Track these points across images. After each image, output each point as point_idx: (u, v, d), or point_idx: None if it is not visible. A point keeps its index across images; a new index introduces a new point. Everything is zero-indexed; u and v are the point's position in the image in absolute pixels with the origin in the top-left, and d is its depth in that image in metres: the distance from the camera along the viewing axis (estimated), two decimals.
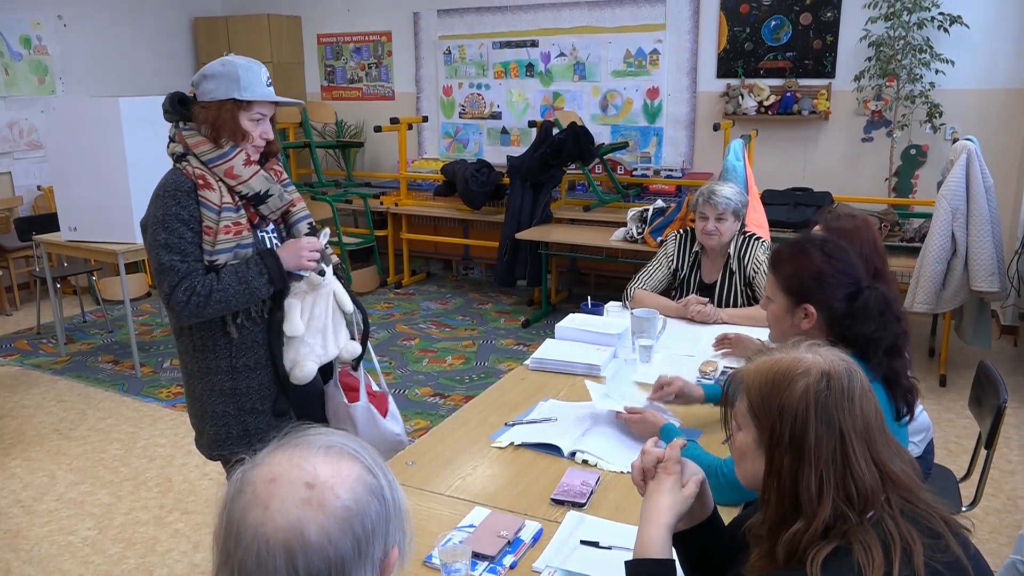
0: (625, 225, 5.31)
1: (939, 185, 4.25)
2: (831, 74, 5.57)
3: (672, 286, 3.18)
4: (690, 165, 6.18)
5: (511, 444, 2.04)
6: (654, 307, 2.77)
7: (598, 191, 6.03)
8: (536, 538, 1.62)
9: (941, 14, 4.96)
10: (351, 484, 0.86)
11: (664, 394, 2.11)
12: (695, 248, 3.11)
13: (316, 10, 7.59)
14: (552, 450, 1.99)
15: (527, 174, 5.72)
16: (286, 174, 2.18)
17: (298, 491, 0.84)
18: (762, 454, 1.14)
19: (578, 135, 5.63)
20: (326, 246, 2.10)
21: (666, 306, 2.96)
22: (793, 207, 5.12)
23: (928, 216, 4.51)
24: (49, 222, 5.33)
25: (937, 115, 5.08)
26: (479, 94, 6.94)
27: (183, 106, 1.98)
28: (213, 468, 3.52)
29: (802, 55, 5.64)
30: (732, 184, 3.18)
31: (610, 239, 5.32)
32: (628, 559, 1.23)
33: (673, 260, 3.15)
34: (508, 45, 6.70)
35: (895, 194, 5.44)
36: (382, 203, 6.63)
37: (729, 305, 3.01)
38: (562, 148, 5.61)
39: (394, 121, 6.42)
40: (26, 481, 3.59)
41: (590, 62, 6.40)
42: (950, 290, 4.16)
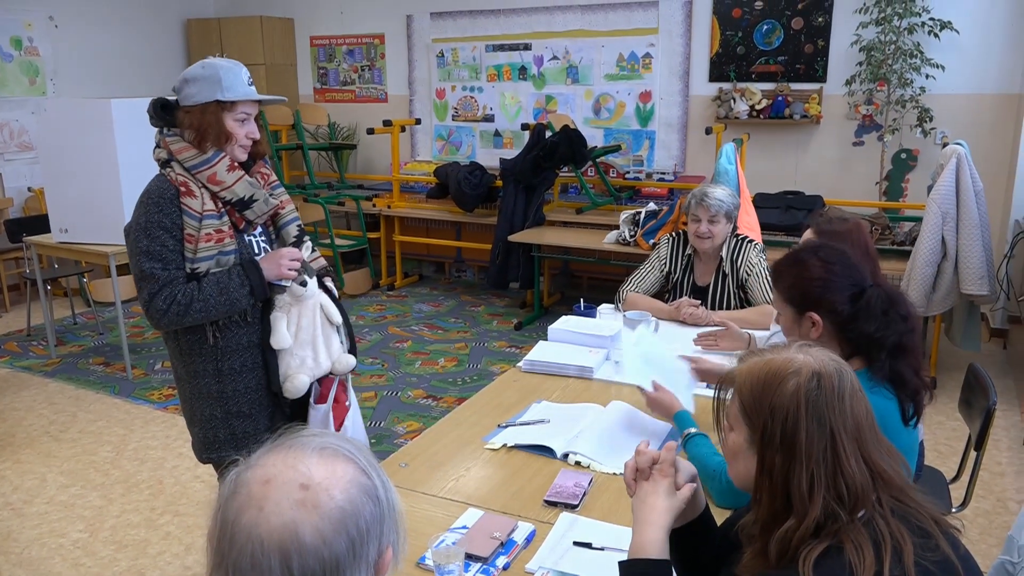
0: (618, 228, 5.32)
1: (929, 189, 4.27)
2: (822, 78, 5.60)
3: (665, 289, 3.18)
4: (682, 168, 6.20)
5: (504, 446, 2.04)
6: (646, 309, 2.79)
7: (591, 194, 6.04)
8: (529, 539, 1.63)
9: (931, 19, 5.00)
10: (345, 485, 0.86)
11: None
12: (688, 251, 3.11)
13: (309, 12, 7.58)
14: (545, 452, 2.00)
15: (520, 177, 5.73)
16: (275, 176, 2.17)
17: (292, 492, 0.83)
18: (754, 454, 1.15)
19: (571, 138, 5.63)
20: (314, 250, 2.09)
21: (658, 308, 2.97)
22: (785, 210, 5.13)
23: (918, 220, 4.53)
24: (40, 223, 5.31)
25: (927, 119, 5.12)
26: (472, 97, 6.95)
27: (166, 112, 1.98)
28: (205, 470, 3.51)
29: (794, 59, 5.67)
30: (724, 186, 3.19)
31: (602, 242, 5.33)
32: (622, 559, 1.23)
33: (666, 263, 3.16)
34: (501, 48, 6.71)
35: (886, 198, 5.48)
36: (375, 205, 6.63)
37: (722, 308, 3.01)
38: (555, 151, 5.62)
39: (387, 123, 6.42)
40: (16, 484, 3.57)
41: (583, 65, 6.42)
42: (940, 293, 4.18)
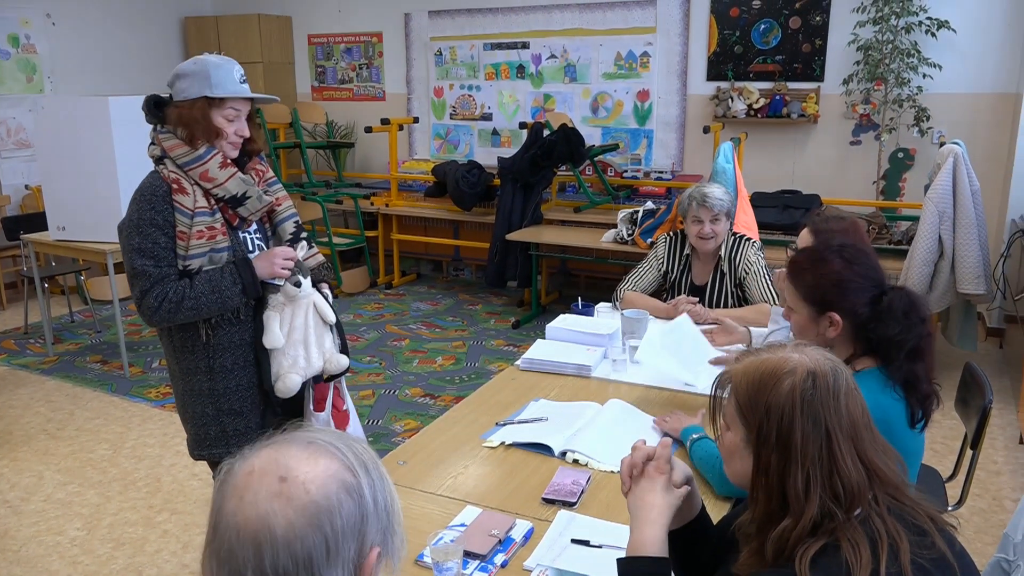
0: (615, 226, 5.32)
1: (926, 188, 4.29)
2: (820, 78, 5.61)
3: (663, 288, 3.19)
4: (680, 167, 6.21)
5: (502, 444, 2.05)
6: (644, 308, 2.79)
7: (588, 193, 6.05)
8: (527, 537, 1.63)
9: (929, 19, 5.01)
10: (324, 481, 0.85)
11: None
12: (686, 251, 3.12)
13: (307, 10, 7.57)
14: (543, 449, 2.00)
15: (518, 175, 5.73)
16: (272, 172, 2.16)
17: (271, 484, 0.83)
18: (750, 453, 1.16)
19: (569, 137, 5.64)
20: (311, 247, 2.09)
21: (656, 307, 2.97)
22: (782, 209, 5.14)
23: (915, 219, 4.55)
24: (37, 221, 5.30)
25: (924, 119, 5.13)
26: (470, 95, 6.94)
27: (160, 108, 1.98)
28: (202, 468, 3.51)
29: (791, 59, 5.68)
30: (719, 184, 3.20)
31: (600, 240, 5.33)
32: (620, 556, 1.24)
33: (663, 262, 3.17)
34: (499, 47, 6.71)
35: (883, 197, 5.49)
36: (372, 204, 6.63)
37: (719, 306, 3.02)
38: (553, 149, 5.62)
39: (385, 122, 6.41)
40: (14, 481, 3.57)
41: (581, 64, 6.42)
42: (937, 292, 4.19)
